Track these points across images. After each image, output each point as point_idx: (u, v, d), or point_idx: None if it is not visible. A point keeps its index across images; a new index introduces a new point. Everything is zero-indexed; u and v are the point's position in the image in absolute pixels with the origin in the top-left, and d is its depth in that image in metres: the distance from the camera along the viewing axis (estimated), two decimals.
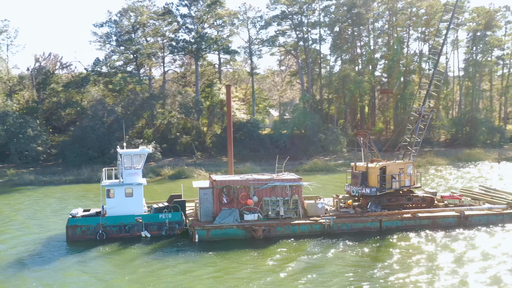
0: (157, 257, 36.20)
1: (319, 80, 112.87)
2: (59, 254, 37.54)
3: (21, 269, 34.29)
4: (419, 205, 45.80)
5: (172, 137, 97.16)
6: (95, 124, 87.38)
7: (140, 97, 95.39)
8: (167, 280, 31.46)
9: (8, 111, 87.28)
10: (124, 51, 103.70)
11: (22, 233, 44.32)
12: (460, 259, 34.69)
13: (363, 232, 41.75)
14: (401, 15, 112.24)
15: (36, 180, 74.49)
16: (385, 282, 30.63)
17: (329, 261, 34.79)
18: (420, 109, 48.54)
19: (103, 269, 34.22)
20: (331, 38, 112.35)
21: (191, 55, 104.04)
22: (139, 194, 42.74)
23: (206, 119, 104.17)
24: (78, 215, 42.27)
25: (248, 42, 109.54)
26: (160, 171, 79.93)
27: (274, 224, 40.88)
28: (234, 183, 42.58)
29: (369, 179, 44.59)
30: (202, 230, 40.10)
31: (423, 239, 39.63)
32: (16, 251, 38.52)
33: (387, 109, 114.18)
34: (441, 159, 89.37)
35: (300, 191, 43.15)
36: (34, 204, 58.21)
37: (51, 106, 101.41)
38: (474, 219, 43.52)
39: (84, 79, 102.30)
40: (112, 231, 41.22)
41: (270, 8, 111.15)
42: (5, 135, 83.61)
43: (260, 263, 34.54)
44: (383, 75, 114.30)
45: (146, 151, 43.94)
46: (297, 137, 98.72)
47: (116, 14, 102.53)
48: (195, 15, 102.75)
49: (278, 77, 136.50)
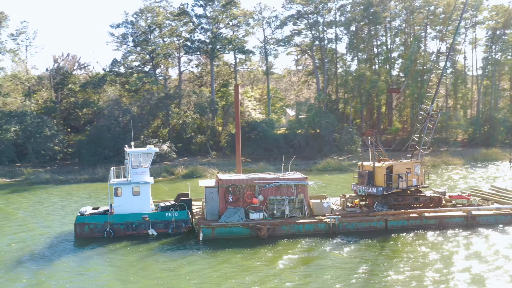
0: (162, 255, 36.64)
1: (335, 79, 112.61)
2: (67, 251, 38.28)
3: (29, 264, 35.08)
4: (427, 204, 45.51)
5: (187, 137, 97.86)
6: (111, 123, 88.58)
7: (156, 97, 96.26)
8: (171, 277, 31.86)
9: (26, 111, 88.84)
10: (140, 51, 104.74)
11: (33, 230, 45.26)
12: (465, 259, 34.47)
13: (369, 231, 41.69)
14: (418, 14, 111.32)
15: (52, 179, 75.86)
16: (389, 281, 30.55)
17: (333, 260, 34.81)
18: (429, 109, 48.19)
19: (109, 266, 34.77)
20: (347, 37, 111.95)
21: (206, 55, 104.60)
22: (146, 193, 43.26)
23: (221, 118, 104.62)
24: (87, 213, 42.95)
25: (263, 42, 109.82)
26: (174, 170, 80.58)
27: (279, 223, 41.06)
28: (240, 182, 42.84)
29: (376, 179, 44.45)
30: (207, 229, 40.46)
31: (429, 239, 39.44)
32: (26, 247, 39.36)
33: (403, 108, 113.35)
34: (457, 159, 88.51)
35: (305, 190, 43.23)
36: (47, 202, 59.28)
37: (68, 106, 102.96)
38: (482, 219, 43.15)
39: (101, 79, 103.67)
40: (119, 229, 41.81)
41: (285, 8, 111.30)
42: (23, 134, 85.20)
43: (264, 262, 34.73)
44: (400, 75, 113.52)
45: (153, 150, 44.47)
46: (312, 137, 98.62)
47: (133, 15, 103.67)
48: (210, 15, 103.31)
49: (295, 77, 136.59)
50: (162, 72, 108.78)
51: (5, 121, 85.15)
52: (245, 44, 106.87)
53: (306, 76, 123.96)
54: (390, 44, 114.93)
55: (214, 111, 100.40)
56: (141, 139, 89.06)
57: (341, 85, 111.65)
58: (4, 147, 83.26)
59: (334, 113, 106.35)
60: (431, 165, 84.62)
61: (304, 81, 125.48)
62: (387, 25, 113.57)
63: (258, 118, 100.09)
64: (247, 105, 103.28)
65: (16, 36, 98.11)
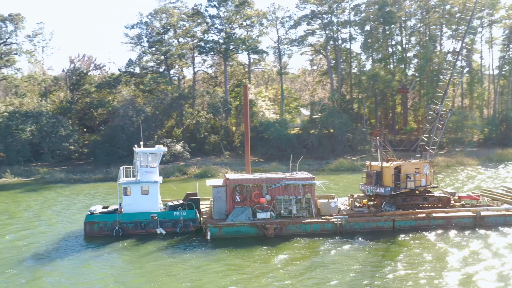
0: (170, 253, 37.04)
1: (349, 79, 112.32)
2: (76, 249, 38.89)
3: (38, 261, 35.76)
4: (435, 205, 45.29)
5: (200, 137, 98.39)
6: (125, 123, 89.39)
7: (169, 97, 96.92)
8: (178, 276, 32.25)
9: (41, 111, 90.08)
10: (155, 52, 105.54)
11: (44, 228, 46.07)
12: (473, 259, 34.29)
13: (376, 231, 41.65)
14: (434, 13, 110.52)
15: (66, 178, 76.92)
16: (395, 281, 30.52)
17: (339, 259, 34.83)
18: (438, 109, 47.94)
19: (117, 263, 35.28)
20: (362, 37, 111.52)
21: (220, 55, 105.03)
22: (154, 192, 43.71)
23: (235, 118, 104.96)
24: (97, 211, 43.52)
25: (277, 42, 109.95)
26: (186, 170, 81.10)
27: (286, 223, 41.21)
28: (247, 181, 43.08)
29: (384, 179, 44.36)
30: (214, 228, 40.77)
31: (437, 239, 39.26)
32: (37, 245, 40.15)
33: (418, 108, 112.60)
34: (471, 159, 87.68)
35: (312, 190, 43.31)
36: (61, 201, 60.17)
37: (84, 106, 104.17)
38: (491, 219, 42.84)
39: (115, 80, 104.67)
40: (128, 227, 42.32)
41: (299, 8, 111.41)
42: (39, 134, 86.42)
43: (270, 261, 34.92)
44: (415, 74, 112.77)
45: (161, 150, 44.92)
46: (325, 137, 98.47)
47: (147, 16, 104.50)
48: (224, 15, 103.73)
49: (310, 77, 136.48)
50: (176, 73, 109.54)
51: (21, 121, 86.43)
52: (259, 44, 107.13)
53: (321, 76, 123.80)
54: (405, 43, 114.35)
55: (228, 111, 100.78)
56: (155, 139, 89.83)
57: (355, 84, 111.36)
58: (20, 147, 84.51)
59: (348, 113, 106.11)
60: (445, 165, 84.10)
61: (318, 81, 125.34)
62: (402, 25, 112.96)
63: (272, 118, 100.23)
64: (261, 105, 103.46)
65: (33, 38, 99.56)
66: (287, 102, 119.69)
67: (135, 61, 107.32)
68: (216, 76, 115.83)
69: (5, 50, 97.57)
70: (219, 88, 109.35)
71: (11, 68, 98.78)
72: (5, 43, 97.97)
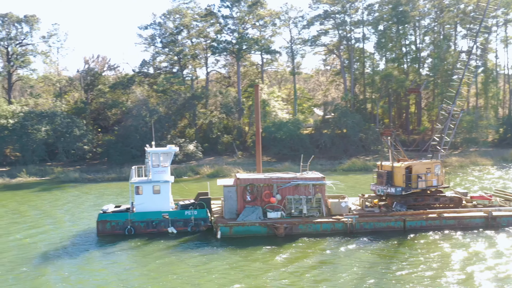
0: (181, 252, 37.34)
1: (362, 79, 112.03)
2: (88, 247, 39.32)
3: (51, 259, 36.27)
4: (447, 205, 45.10)
5: (213, 137, 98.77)
6: (138, 123, 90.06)
7: (182, 97, 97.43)
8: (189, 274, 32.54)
9: (56, 112, 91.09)
10: (168, 52, 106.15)
11: (57, 226, 46.69)
12: (483, 260, 34.09)
13: (387, 231, 41.57)
14: (448, 12, 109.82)
15: (80, 178, 77.76)
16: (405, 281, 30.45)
17: (348, 259, 34.82)
18: (450, 108, 47.74)
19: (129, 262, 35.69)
20: (375, 36, 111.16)
21: (233, 55, 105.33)
22: (166, 191, 44.07)
23: (248, 118, 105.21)
24: (109, 210, 43.97)
25: (290, 42, 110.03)
26: (199, 170, 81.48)
27: (296, 222, 41.33)
28: (258, 181, 43.28)
29: (395, 179, 44.30)
30: (224, 227, 41.01)
31: (448, 240, 39.08)
32: (49, 243, 40.72)
33: (432, 108, 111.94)
34: (485, 160, 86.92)
35: (323, 190, 43.37)
36: (74, 200, 60.87)
37: (98, 107, 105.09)
38: (503, 220, 42.55)
39: (129, 80, 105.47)
40: (140, 226, 42.71)
41: (312, 8, 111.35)
42: (54, 134, 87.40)
43: (279, 260, 35.03)
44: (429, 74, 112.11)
45: (173, 150, 45.27)
46: (338, 137, 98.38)
47: (160, 16, 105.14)
48: (236, 16, 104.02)
49: (323, 77, 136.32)
50: (189, 73, 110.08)
51: (36, 121, 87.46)
52: (272, 44, 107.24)
53: (334, 76, 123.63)
54: (419, 43, 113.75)
55: (241, 111, 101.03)
56: (168, 139, 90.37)
57: (368, 84, 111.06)
58: (36, 147, 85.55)
59: (361, 113, 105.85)
60: (458, 165, 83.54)
61: (332, 80, 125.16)
62: (416, 24, 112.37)
63: (285, 118, 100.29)
64: (274, 105, 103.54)
65: (47, 39, 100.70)
66: (300, 102, 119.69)
67: (149, 62, 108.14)
68: (229, 76, 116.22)
69: (21, 51, 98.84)
70: (232, 88, 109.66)
71: (26, 68, 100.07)
72: (20, 44, 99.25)
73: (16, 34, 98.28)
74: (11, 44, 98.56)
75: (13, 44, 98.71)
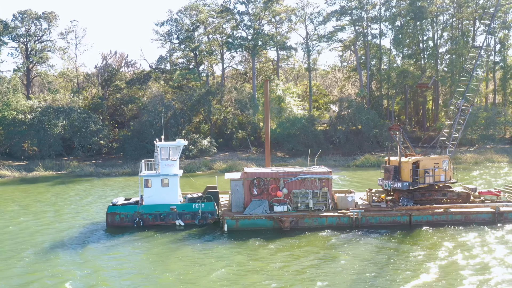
0: (188, 244, 37.77)
1: (379, 75, 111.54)
2: (97, 238, 40.06)
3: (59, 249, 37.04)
4: (454, 200, 44.96)
5: (228, 132, 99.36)
6: (153, 119, 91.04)
7: (197, 93, 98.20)
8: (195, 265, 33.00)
9: (73, 107, 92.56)
10: (184, 48, 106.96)
11: (69, 218, 47.65)
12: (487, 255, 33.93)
13: (392, 226, 41.59)
14: (466, 8, 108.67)
15: (95, 172, 79.06)
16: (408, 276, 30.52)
17: (352, 253, 34.88)
18: (459, 104, 47.53)
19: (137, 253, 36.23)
20: (392, 32, 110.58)
21: (248, 52, 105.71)
22: (174, 184, 44.66)
23: (262, 114, 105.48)
24: (118, 203, 44.74)
25: (305, 38, 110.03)
26: (212, 165, 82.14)
27: (302, 216, 41.59)
28: (265, 175, 43.64)
29: (402, 174, 44.31)
30: (231, 220, 41.47)
31: (453, 235, 38.94)
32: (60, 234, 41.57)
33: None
34: (501, 156, 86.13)
35: (329, 184, 43.56)
36: (87, 193, 62.01)
37: (115, 102, 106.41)
38: (510, 215, 42.30)
39: (146, 76, 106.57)
40: (148, 219, 43.40)
41: (328, 4, 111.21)
42: (70, 129, 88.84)
43: (285, 253, 35.28)
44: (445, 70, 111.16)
45: (181, 144, 45.84)
46: (352, 133, 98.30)
47: (177, 13, 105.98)
48: (252, 12, 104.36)
49: (340, 73, 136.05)
50: (205, 69, 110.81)
51: (53, 116, 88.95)
52: (287, 40, 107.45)
53: (350, 72, 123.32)
54: (437, 39, 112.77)
55: (255, 107, 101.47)
56: (182, 134, 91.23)
57: (384, 80, 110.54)
58: (53, 141, 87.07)
59: (377, 110, 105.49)
60: (473, 162, 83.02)
61: (348, 77, 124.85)
62: (434, 20, 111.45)
63: (300, 114, 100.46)
64: (289, 101, 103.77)
65: (65, 35, 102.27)
66: (317, 98, 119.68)
67: (165, 58, 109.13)
68: (245, 72, 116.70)
69: (39, 47, 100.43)
70: (248, 84, 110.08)
71: (44, 64, 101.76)
72: (39, 40, 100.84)
73: (35, 30, 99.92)
74: (30, 41, 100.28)
75: (32, 40, 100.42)
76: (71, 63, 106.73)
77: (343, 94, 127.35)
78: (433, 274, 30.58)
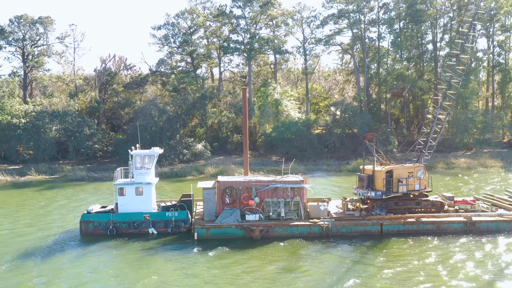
0: (159, 253, 38.12)
1: (376, 79, 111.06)
2: (69, 247, 40.41)
3: (29, 258, 37.34)
4: (428, 209, 44.73)
5: (223, 136, 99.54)
6: (148, 123, 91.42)
7: (192, 97, 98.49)
8: (165, 273, 33.44)
9: (68, 111, 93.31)
10: (181, 52, 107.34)
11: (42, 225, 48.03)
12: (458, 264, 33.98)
13: (363, 235, 41.50)
14: (466, 11, 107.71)
15: (87, 176, 79.48)
16: (376, 285, 30.69)
17: (319, 263, 34.88)
18: (436, 112, 47.28)
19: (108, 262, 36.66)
20: (391, 36, 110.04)
21: (244, 55, 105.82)
22: (148, 193, 44.90)
23: (258, 118, 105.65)
24: (93, 211, 45.08)
25: (303, 42, 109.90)
26: (204, 169, 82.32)
27: (272, 225, 41.61)
28: (237, 184, 43.73)
29: (376, 183, 44.15)
30: (201, 229, 41.62)
31: (424, 244, 38.75)
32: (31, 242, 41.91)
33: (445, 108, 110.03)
34: (495, 161, 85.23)
35: (302, 193, 43.56)
36: (74, 199, 62.42)
37: (112, 106, 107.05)
38: (482, 225, 41.99)
39: (143, 79, 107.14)
40: (122, 227, 43.68)
41: (326, 7, 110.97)
42: (64, 133, 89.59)
43: (253, 262, 35.42)
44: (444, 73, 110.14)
45: (156, 152, 46.07)
46: (347, 137, 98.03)
47: (174, 17, 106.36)
48: (248, 16, 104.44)
49: (340, 75, 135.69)
50: (205, 72, 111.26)
51: (48, 120, 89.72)
52: (284, 44, 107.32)
53: (348, 75, 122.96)
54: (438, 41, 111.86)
55: (251, 111, 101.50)
56: (177, 138, 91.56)
57: (381, 84, 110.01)
58: (47, 145, 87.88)
59: (375, 113, 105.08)
60: (466, 167, 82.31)
61: (346, 80, 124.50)
62: (433, 23, 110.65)
63: (297, 118, 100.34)
64: (286, 104, 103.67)
65: (62, 39, 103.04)
66: (317, 101, 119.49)
67: (165, 60, 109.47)
68: (245, 76, 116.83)
69: (36, 52, 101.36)
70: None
71: (40, 69, 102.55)
72: (35, 45, 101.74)
73: (31, 35, 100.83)
74: (26, 45, 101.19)
75: (28, 45, 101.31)
76: (69, 67, 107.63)
77: (343, 96, 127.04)
78: (395, 282, 30.56)
